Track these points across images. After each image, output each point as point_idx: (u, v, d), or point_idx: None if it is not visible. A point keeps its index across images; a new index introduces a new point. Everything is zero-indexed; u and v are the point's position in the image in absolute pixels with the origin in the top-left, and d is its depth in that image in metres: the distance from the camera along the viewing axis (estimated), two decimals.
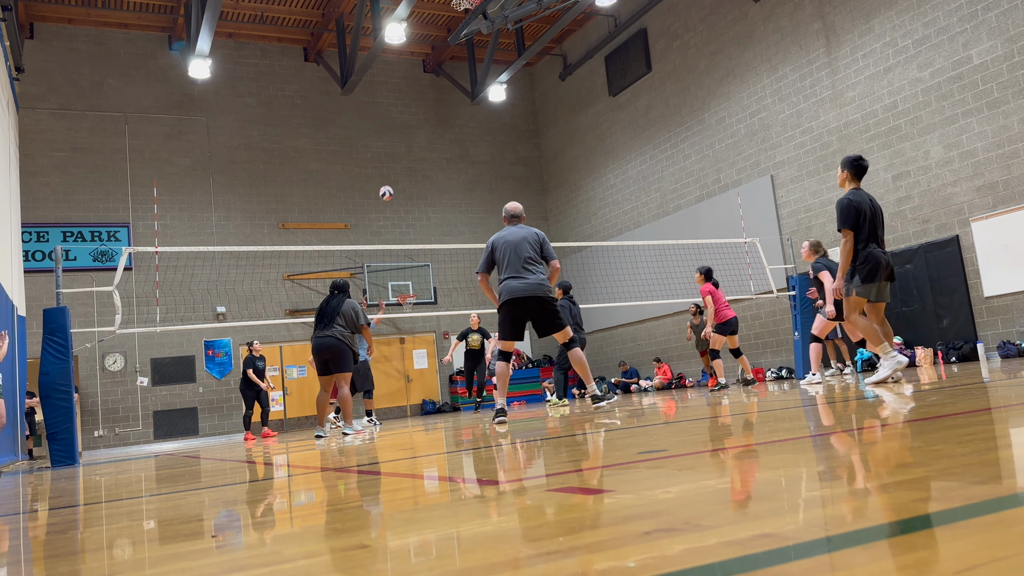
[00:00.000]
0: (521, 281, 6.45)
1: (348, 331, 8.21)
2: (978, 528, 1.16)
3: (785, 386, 9.72)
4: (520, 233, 6.66)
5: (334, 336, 8.10)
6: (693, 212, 16.84)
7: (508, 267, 6.54)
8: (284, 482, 3.72)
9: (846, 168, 6.49)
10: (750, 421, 4.30)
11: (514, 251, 6.55)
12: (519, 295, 6.43)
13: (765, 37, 15.10)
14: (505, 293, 6.49)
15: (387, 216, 19.61)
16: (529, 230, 6.71)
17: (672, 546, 1.25)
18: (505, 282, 6.52)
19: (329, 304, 8.34)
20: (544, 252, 6.63)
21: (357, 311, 8.31)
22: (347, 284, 8.67)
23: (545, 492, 2.15)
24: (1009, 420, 2.83)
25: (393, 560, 1.43)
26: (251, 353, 13.37)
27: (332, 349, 8.09)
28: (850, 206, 6.22)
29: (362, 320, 8.35)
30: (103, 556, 1.87)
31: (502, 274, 6.59)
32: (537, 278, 6.49)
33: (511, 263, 6.53)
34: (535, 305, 6.47)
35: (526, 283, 6.43)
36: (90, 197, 16.83)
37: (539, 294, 6.44)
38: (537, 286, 6.45)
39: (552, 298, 6.56)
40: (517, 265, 6.51)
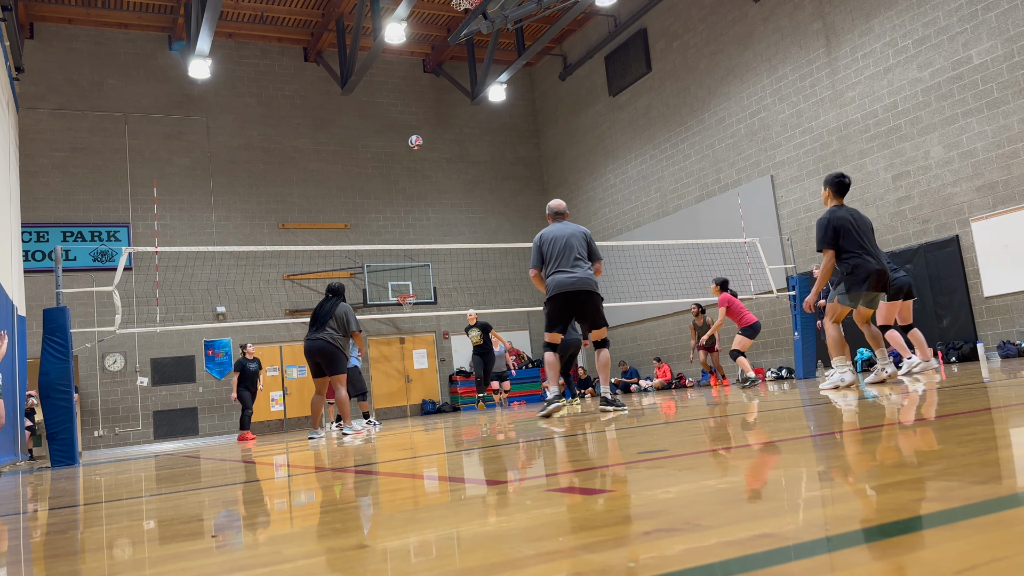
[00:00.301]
0: (569, 275, 6.58)
1: (339, 334, 8.25)
2: (978, 528, 1.16)
3: (785, 386, 9.72)
4: (568, 230, 6.79)
5: (323, 339, 8.14)
6: (693, 212, 16.84)
7: (557, 261, 6.67)
8: (284, 482, 3.72)
9: (828, 186, 6.60)
10: (749, 421, 4.30)
11: (564, 246, 6.68)
12: (568, 289, 6.56)
13: (765, 37, 15.10)
14: (554, 287, 6.63)
15: (387, 216, 19.61)
16: (577, 227, 6.83)
17: (672, 546, 1.25)
18: (553, 276, 6.65)
19: (323, 307, 8.38)
20: (591, 251, 6.77)
21: (349, 315, 8.33)
22: (342, 287, 8.69)
23: (545, 492, 2.15)
24: (1009, 420, 2.83)
25: (393, 560, 1.43)
26: (243, 355, 13.39)
27: (322, 352, 8.15)
28: (828, 225, 6.32)
29: (353, 326, 8.37)
30: (103, 556, 1.87)
31: (550, 268, 6.71)
32: (585, 273, 6.63)
33: (560, 258, 6.67)
34: (585, 299, 6.60)
35: (575, 277, 6.55)
36: (90, 197, 16.83)
37: (588, 288, 6.57)
38: (586, 280, 6.58)
39: (598, 293, 6.72)
40: (566, 260, 6.64)
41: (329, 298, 8.47)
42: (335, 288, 8.57)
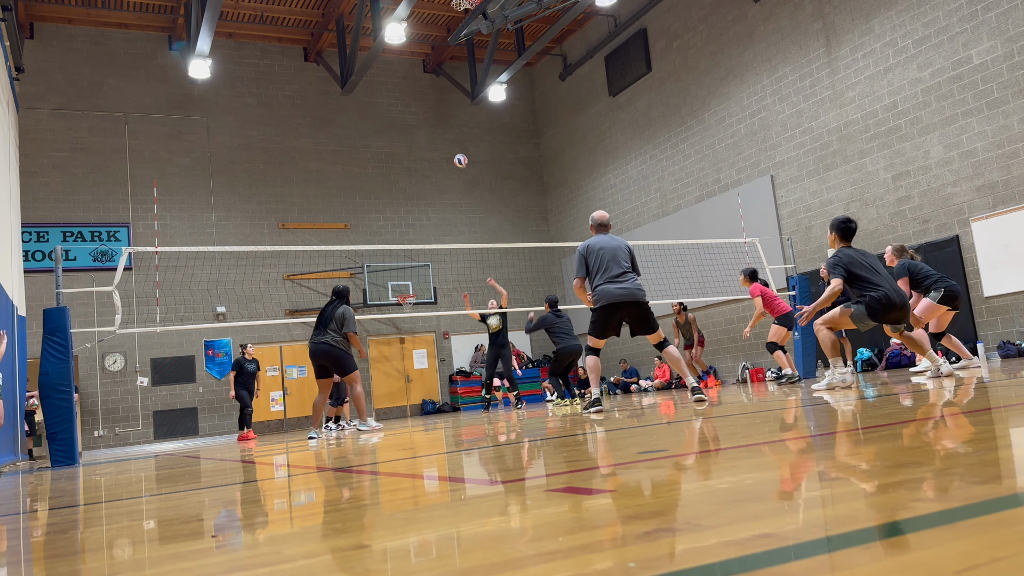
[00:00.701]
0: (619, 286, 6.77)
1: (340, 336, 8.49)
2: (978, 528, 1.16)
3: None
4: (613, 243, 7.02)
5: (326, 342, 8.40)
6: (693, 212, 16.84)
7: (604, 272, 6.85)
8: (284, 482, 3.72)
9: (834, 230, 6.74)
10: (748, 422, 4.29)
11: (611, 258, 6.88)
12: (617, 300, 6.75)
13: (765, 37, 15.10)
14: (603, 297, 6.80)
15: (387, 216, 19.61)
16: (621, 241, 7.08)
17: (672, 546, 1.25)
18: (603, 286, 6.82)
19: (326, 310, 8.64)
20: (634, 264, 7.00)
21: (346, 317, 8.52)
22: (346, 290, 8.89)
23: (545, 492, 2.15)
24: (1009, 420, 2.83)
25: (393, 560, 1.43)
26: (243, 355, 13.35)
27: (326, 355, 8.42)
28: (836, 265, 6.50)
29: (348, 327, 8.53)
30: (103, 556, 1.87)
31: (596, 279, 6.88)
32: (634, 284, 6.85)
33: (607, 268, 6.85)
34: (633, 308, 6.80)
35: (625, 288, 6.75)
36: (90, 197, 16.84)
37: (637, 298, 6.79)
38: (635, 291, 6.80)
39: (647, 301, 6.91)
40: (613, 270, 6.84)
41: (332, 301, 8.69)
42: (338, 291, 8.78)
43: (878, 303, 6.38)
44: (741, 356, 15.68)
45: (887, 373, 10.49)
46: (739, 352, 15.68)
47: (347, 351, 8.47)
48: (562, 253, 20.76)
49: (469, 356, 19.84)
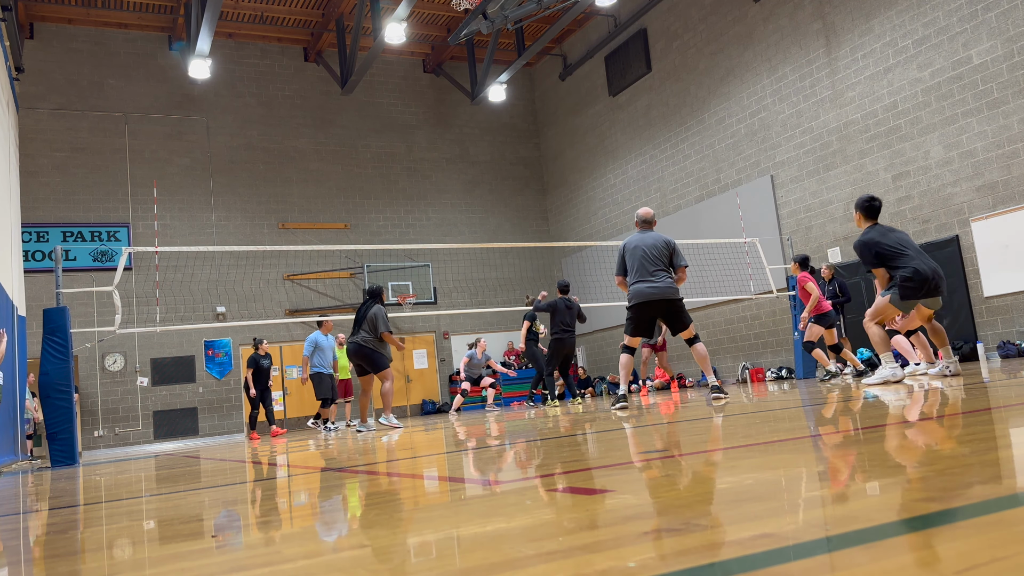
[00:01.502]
0: (650, 285, 6.85)
1: (371, 336, 8.94)
2: (978, 528, 1.16)
3: (786, 385, 9.71)
4: (650, 240, 7.03)
5: (356, 342, 8.93)
6: (693, 212, 16.84)
7: (636, 271, 6.95)
8: (284, 482, 3.72)
9: (859, 209, 6.74)
10: (748, 422, 4.29)
11: (643, 256, 6.94)
12: (647, 299, 6.85)
13: (765, 37, 15.10)
14: (636, 296, 6.92)
15: (387, 216, 19.61)
16: (660, 237, 7.07)
17: (672, 546, 1.25)
18: (634, 285, 6.94)
19: (360, 310, 9.12)
20: (674, 259, 7.01)
21: (378, 318, 8.92)
22: (379, 290, 9.32)
23: (545, 492, 2.15)
24: (1009, 420, 2.83)
25: (393, 560, 1.43)
26: (257, 351, 13.21)
27: (357, 354, 8.97)
28: (864, 246, 6.47)
29: (381, 327, 8.92)
30: (103, 556, 1.87)
31: (631, 277, 7.00)
32: (664, 282, 6.88)
33: (641, 267, 6.94)
34: (664, 306, 6.88)
35: (655, 288, 6.83)
36: (90, 197, 16.83)
37: (668, 296, 6.84)
38: (665, 289, 6.84)
39: (680, 299, 6.95)
40: (645, 270, 6.91)
41: (366, 301, 9.18)
42: (371, 291, 9.29)
43: (910, 281, 6.34)
44: (741, 356, 15.68)
45: None
46: (739, 352, 15.68)
47: (377, 349, 8.94)
48: (562, 253, 20.76)
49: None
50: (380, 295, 9.19)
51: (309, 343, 12.29)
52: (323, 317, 13.04)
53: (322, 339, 12.37)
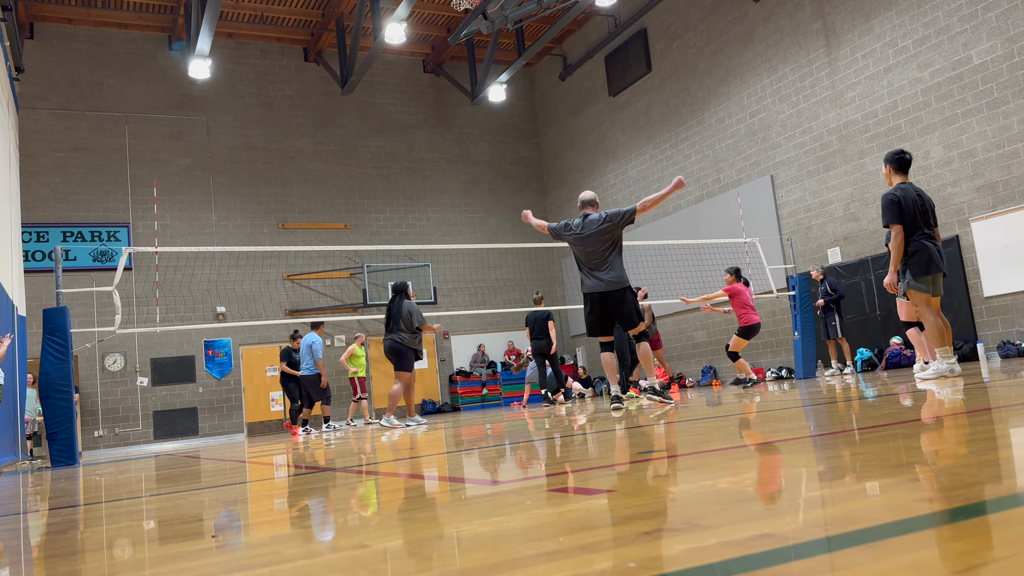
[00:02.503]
0: (591, 278, 6.60)
1: (407, 333, 9.12)
2: (978, 528, 1.16)
3: (786, 385, 9.72)
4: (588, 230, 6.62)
5: (392, 339, 9.15)
6: (693, 212, 16.84)
7: (582, 264, 6.74)
8: (283, 482, 3.72)
9: (889, 163, 6.51)
10: (748, 422, 4.29)
11: (584, 253, 6.66)
12: (589, 291, 6.61)
13: (765, 37, 15.10)
14: (582, 288, 6.72)
15: (387, 216, 19.61)
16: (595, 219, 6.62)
17: (672, 546, 1.25)
18: (582, 280, 6.73)
19: (390, 308, 9.27)
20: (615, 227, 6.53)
21: (412, 313, 9.11)
22: (404, 285, 9.44)
23: (545, 492, 2.15)
24: (1009, 420, 2.83)
25: (393, 560, 1.43)
26: (291, 345, 12.88)
27: (392, 351, 9.21)
28: (892, 202, 6.20)
29: (416, 321, 9.12)
30: (103, 556, 1.87)
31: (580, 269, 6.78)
32: (608, 275, 6.54)
33: (583, 261, 6.72)
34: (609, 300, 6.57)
35: (596, 280, 6.57)
36: (90, 197, 16.83)
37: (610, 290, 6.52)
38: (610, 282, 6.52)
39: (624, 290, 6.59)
40: (587, 263, 6.66)
41: (393, 298, 9.31)
42: (396, 287, 9.41)
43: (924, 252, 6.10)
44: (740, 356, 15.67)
45: (887, 373, 10.49)
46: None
47: (411, 346, 9.14)
48: (562, 253, 20.75)
49: (469, 356, 19.84)
50: (406, 290, 9.35)
51: (319, 345, 12.19)
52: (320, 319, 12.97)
53: (320, 341, 12.38)
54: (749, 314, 10.13)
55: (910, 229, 6.18)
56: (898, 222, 6.16)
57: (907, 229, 6.18)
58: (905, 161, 6.43)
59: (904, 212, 6.16)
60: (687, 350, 17.18)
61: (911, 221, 6.17)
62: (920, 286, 6.18)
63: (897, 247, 6.20)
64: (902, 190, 6.25)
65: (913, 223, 6.17)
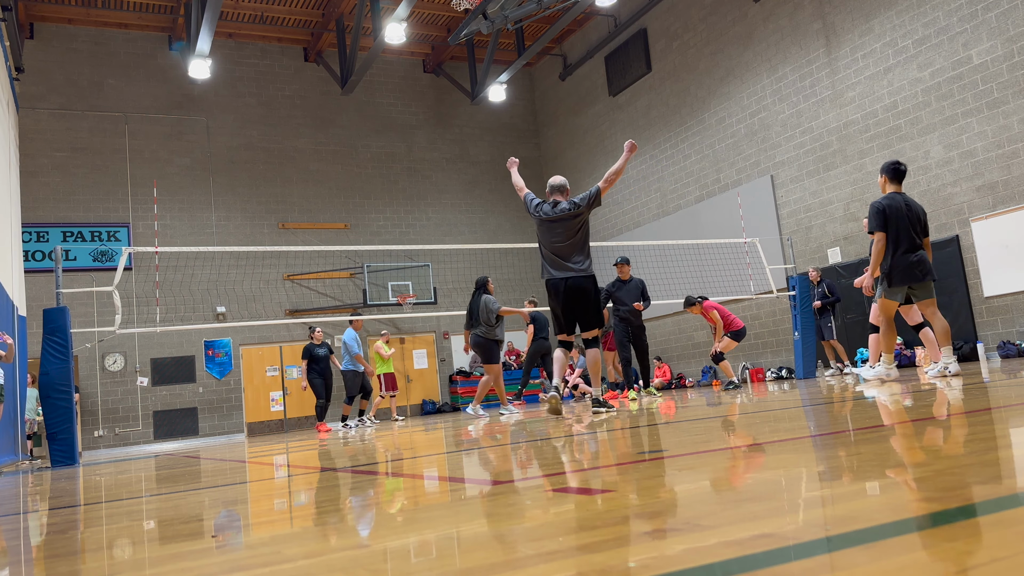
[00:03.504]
0: (560, 273, 6.36)
1: (485, 326, 9.43)
2: (979, 528, 1.16)
3: (786, 386, 9.72)
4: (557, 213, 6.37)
5: (476, 333, 9.48)
6: (693, 212, 16.84)
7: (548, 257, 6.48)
8: (284, 482, 3.72)
9: (884, 173, 6.71)
10: (748, 422, 4.29)
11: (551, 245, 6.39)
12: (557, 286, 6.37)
13: (765, 37, 15.10)
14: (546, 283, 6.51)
15: (387, 216, 19.61)
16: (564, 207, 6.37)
17: (672, 546, 1.25)
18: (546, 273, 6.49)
19: (471, 303, 9.62)
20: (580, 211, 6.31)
21: (488, 306, 9.43)
22: (484, 280, 9.76)
23: (545, 492, 2.15)
24: (1009, 420, 2.83)
25: (393, 560, 1.43)
26: (311, 340, 12.59)
27: (476, 347, 9.49)
28: (878, 211, 6.41)
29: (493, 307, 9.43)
30: (103, 556, 1.87)
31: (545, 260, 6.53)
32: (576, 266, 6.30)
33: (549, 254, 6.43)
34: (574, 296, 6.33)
35: (563, 276, 6.33)
36: (90, 197, 16.83)
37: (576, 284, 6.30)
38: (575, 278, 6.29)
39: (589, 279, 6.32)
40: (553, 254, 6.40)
41: (475, 292, 9.66)
42: (478, 282, 9.74)
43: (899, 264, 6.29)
44: (741, 356, 15.68)
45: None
46: (739, 352, 15.67)
47: (492, 339, 9.41)
48: None
49: (469, 356, 19.83)
50: (486, 284, 9.67)
51: (353, 339, 12.14)
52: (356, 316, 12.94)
53: (356, 335, 12.35)
54: (734, 319, 10.45)
55: (894, 238, 6.40)
56: (882, 230, 6.41)
57: (891, 238, 6.41)
58: (900, 172, 6.63)
59: (889, 221, 6.39)
60: (687, 350, 17.17)
61: (895, 231, 6.39)
62: (891, 294, 6.48)
63: (877, 253, 6.45)
64: (890, 199, 6.48)
65: (898, 233, 6.38)
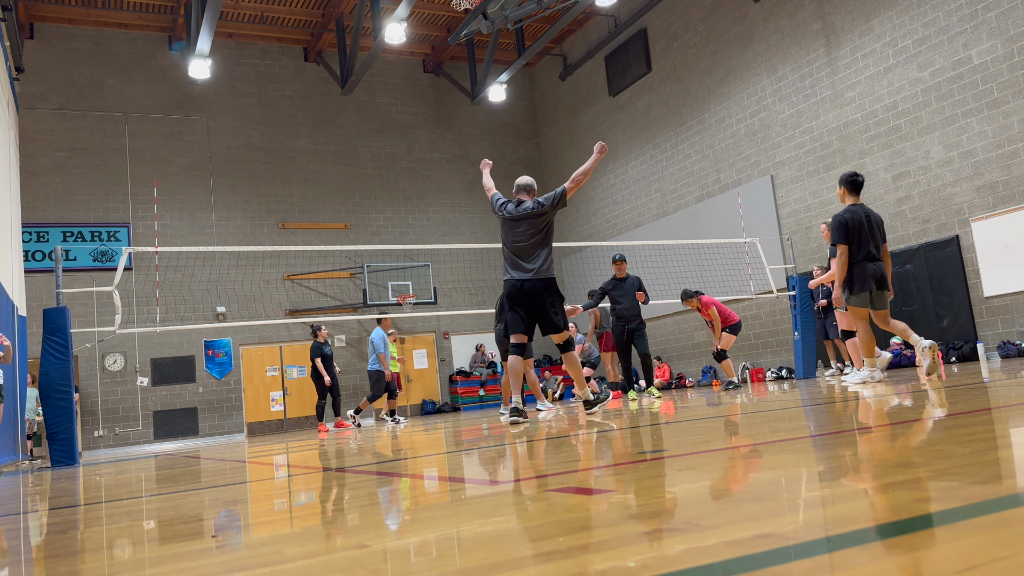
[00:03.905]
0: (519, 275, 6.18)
1: None
2: (978, 528, 1.16)
3: (786, 386, 9.72)
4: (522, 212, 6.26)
5: (500, 328, 9.19)
6: (693, 212, 16.84)
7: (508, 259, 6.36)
8: (284, 482, 3.72)
9: (843, 184, 6.86)
10: (749, 422, 4.29)
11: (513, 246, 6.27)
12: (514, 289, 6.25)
13: (765, 37, 15.10)
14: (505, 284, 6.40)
15: (387, 216, 19.62)
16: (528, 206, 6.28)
17: (672, 546, 1.25)
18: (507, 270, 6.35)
19: (500, 298, 9.26)
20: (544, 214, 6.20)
21: None
22: None
23: (545, 492, 2.15)
24: (1009, 420, 2.83)
25: (393, 560, 1.43)
26: (315, 340, 12.53)
27: (501, 343, 9.27)
28: (840, 224, 6.64)
29: None
30: (103, 556, 1.87)
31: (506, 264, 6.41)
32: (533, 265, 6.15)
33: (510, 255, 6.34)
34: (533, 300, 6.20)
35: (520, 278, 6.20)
36: (90, 197, 16.83)
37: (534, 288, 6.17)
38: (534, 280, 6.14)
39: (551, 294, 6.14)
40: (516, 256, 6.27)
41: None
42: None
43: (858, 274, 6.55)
44: (741, 356, 15.68)
45: (887, 373, 10.48)
46: (739, 352, 15.67)
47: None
48: (561, 253, 20.76)
49: (469, 356, 19.84)
50: None
51: (378, 339, 11.88)
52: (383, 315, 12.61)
53: (383, 334, 12.02)
54: (729, 312, 10.37)
55: (855, 249, 6.62)
56: (844, 242, 6.62)
57: (852, 249, 6.63)
58: (858, 183, 6.82)
59: (851, 233, 6.61)
60: (687, 350, 17.17)
61: (857, 241, 6.61)
62: (858, 301, 6.66)
63: (841, 265, 6.67)
64: (851, 212, 6.68)
65: (859, 243, 6.61)
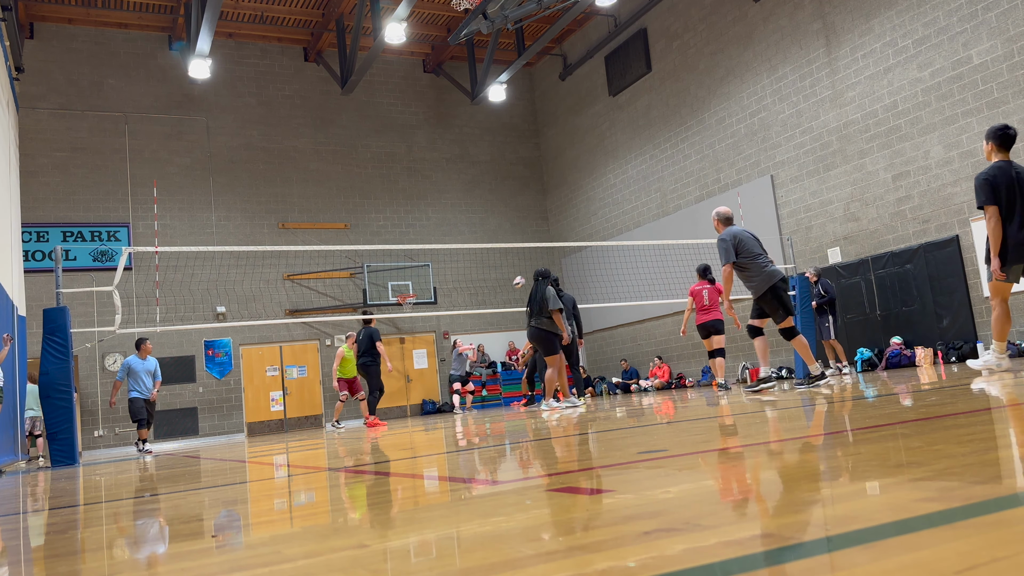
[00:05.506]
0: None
1: (546, 317, 9.15)
2: (978, 528, 1.16)
3: (785, 386, 9.72)
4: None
5: (534, 326, 9.24)
6: (693, 212, 16.84)
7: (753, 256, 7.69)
8: (284, 482, 3.72)
9: (990, 139, 6.15)
10: (747, 422, 4.30)
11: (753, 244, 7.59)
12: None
13: (765, 37, 15.10)
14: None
15: (387, 216, 19.62)
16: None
17: (672, 546, 1.25)
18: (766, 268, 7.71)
19: (533, 293, 9.34)
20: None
21: (547, 297, 9.13)
22: (546, 271, 9.50)
23: (545, 492, 2.15)
24: (1009, 420, 2.83)
25: (393, 560, 1.43)
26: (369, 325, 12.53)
27: (535, 339, 9.29)
28: (984, 183, 5.88)
29: (551, 305, 9.08)
30: (103, 556, 1.87)
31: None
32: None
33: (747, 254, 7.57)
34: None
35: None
36: (90, 197, 16.83)
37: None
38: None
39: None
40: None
41: (537, 281, 9.39)
42: (539, 272, 9.49)
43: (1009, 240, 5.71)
44: (741, 356, 15.69)
45: (887, 373, 10.48)
46: (739, 352, 15.68)
47: (553, 331, 9.11)
48: (562, 253, 20.77)
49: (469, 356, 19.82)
50: (548, 275, 9.42)
51: (123, 368, 10.92)
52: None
53: (137, 363, 10.91)
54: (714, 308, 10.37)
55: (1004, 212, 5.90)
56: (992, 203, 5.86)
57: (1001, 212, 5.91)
58: (1009, 137, 6.06)
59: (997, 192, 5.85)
60: (687, 350, 17.17)
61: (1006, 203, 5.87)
62: (1014, 276, 5.96)
63: (992, 230, 5.89)
64: (999, 168, 5.96)
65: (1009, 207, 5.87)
